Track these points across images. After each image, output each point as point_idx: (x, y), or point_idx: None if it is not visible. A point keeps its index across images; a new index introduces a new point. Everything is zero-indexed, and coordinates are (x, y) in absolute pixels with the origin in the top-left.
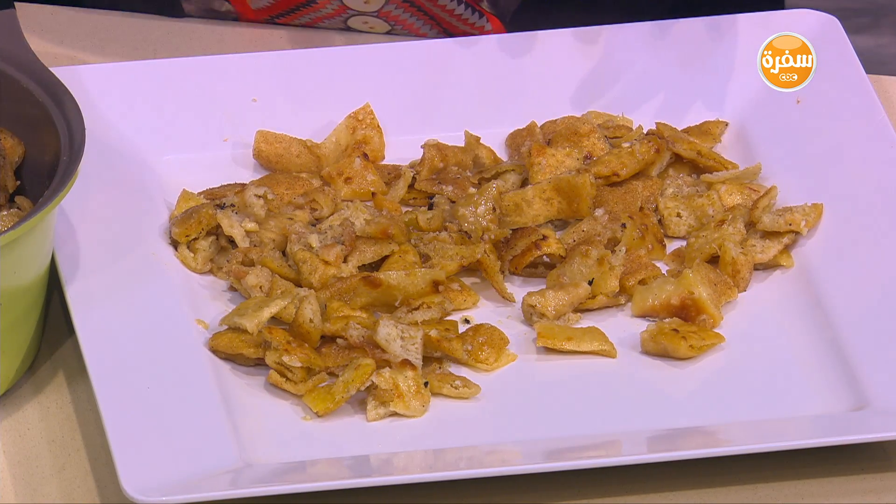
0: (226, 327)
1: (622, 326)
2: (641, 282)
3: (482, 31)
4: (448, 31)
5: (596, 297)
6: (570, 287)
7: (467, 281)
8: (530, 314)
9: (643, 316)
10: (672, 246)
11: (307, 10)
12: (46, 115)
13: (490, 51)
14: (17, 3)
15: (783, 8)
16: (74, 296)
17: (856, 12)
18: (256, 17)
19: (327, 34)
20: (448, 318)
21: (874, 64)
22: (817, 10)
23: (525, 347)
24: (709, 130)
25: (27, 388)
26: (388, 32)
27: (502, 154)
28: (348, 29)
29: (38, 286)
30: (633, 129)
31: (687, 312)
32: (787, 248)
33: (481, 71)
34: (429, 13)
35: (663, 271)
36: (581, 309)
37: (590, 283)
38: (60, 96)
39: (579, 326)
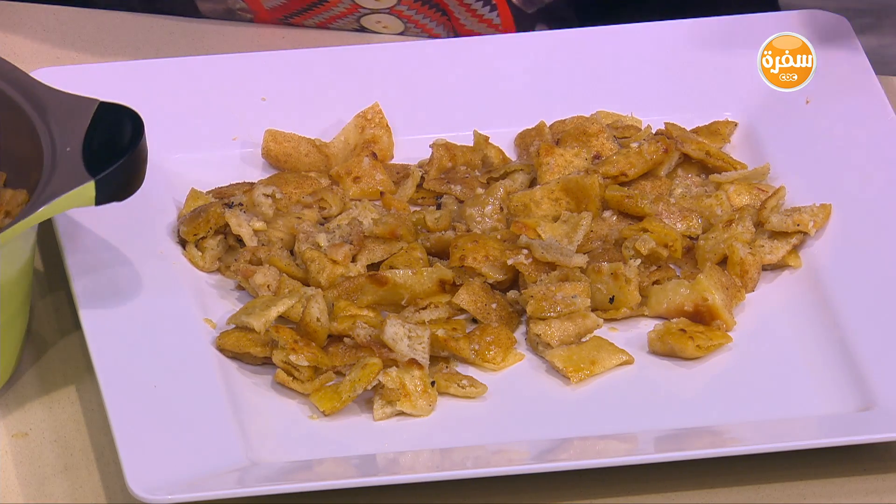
0: (233, 326)
1: (629, 325)
2: (656, 282)
3: (492, 26)
4: (456, 32)
5: (619, 309)
6: (578, 318)
7: None
8: (536, 343)
9: (658, 318)
10: None
11: (319, 10)
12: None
13: (499, 50)
14: (18, 4)
15: (777, 10)
16: (82, 294)
17: (858, 13)
18: (270, 16)
19: (337, 34)
20: (455, 317)
21: (877, 64)
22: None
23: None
24: (718, 131)
25: (33, 386)
26: (401, 33)
27: (511, 154)
28: (362, 29)
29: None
30: (642, 129)
31: (701, 318)
32: (795, 249)
33: (490, 70)
34: (442, 8)
35: (677, 272)
36: (606, 319)
37: (611, 300)
38: (43, 102)
39: (584, 342)
